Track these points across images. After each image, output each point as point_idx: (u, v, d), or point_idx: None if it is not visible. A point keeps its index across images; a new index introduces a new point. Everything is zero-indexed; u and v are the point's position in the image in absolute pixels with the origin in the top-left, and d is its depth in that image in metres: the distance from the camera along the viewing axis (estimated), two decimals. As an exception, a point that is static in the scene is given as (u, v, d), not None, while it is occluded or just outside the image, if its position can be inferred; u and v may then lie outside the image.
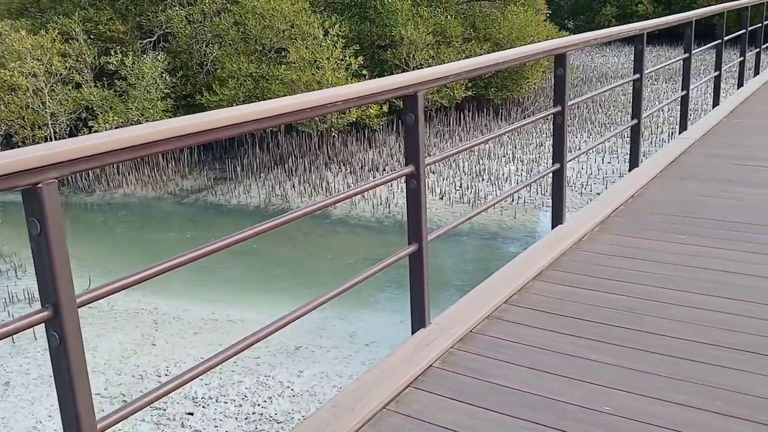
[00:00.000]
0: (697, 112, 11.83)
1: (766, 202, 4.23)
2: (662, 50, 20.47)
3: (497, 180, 9.55)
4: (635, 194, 4.51)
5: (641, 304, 2.95)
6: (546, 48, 3.43)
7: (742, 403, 2.22)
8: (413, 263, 2.64)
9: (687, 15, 5.85)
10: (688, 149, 5.60)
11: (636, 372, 2.43)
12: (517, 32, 12.65)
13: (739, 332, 2.67)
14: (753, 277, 3.18)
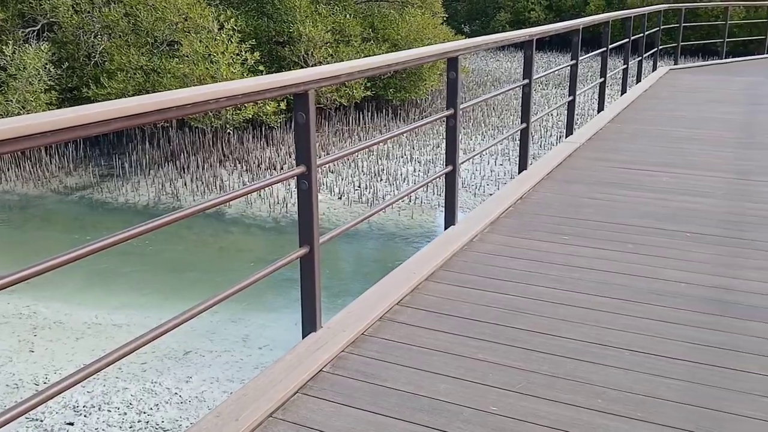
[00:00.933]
0: (584, 117, 12.35)
1: (644, 205, 4.44)
2: (553, 56, 21.29)
3: (395, 180, 9.61)
4: (524, 196, 4.63)
5: (528, 304, 3.02)
6: (438, 51, 3.45)
7: (620, 401, 2.29)
8: (304, 266, 2.58)
9: (574, 23, 6.07)
10: (573, 153, 5.82)
11: (522, 371, 2.47)
12: (414, 34, 12.80)
13: (618, 331, 2.77)
14: (632, 276, 3.32)
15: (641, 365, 2.51)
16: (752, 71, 11.76)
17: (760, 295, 3.09)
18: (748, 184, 4.91)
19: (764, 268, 3.39)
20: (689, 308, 2.97)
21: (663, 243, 3.77)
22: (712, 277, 3.31)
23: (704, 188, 4.82)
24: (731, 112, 7.88)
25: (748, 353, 2.59)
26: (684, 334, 2.74)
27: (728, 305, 3.00)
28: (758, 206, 4.39)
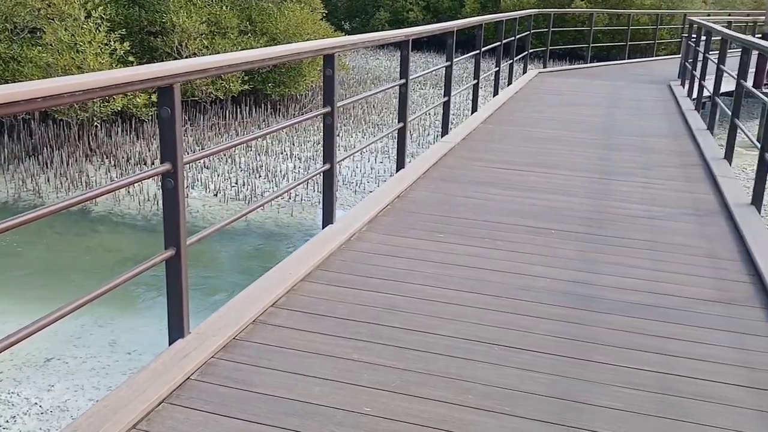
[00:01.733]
0: (460, 117, 12.69)
1: (514, 203, 4.60)
2: (431, 56, 21.75)
3: (275, 177, 9.46)
4: (401, 194, 4.68)
5: (404, 302, 3.04)
6: (313, 48, 3.40)
7: (489, 396, 2.35)
8: (170, 269, 2.46)
9: (448, 25, 6.20)
10: (449, 152, 5.95)
11: (396, 370, 2.48)
12: (294, 29, 12.66)
13: (488, 326, 2.85)
14: (501, 273, 3.42)
15: (509, 360, 2.58)
16: (614, 75, 12.52)
17: (617, 289, 3.28)
18: (608, 183, 5.21)
19: (621, 264, 3.60)
20: (554, 303, 3.10)
21: (531, 240, 3.91)
22: (574, 272, 3.47)
23: (568, 187, 5.06)
24: (594, 114, 8.34)
25: (607, 345, 2.73)
26: (549, 328, 2.85)
27: (589, 299, 3.15)
28: (616, 204, 4.66)
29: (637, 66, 14.54)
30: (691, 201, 4.81)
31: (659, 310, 3.06)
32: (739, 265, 3.63)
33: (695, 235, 4.10)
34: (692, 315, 3.02)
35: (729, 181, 5.22)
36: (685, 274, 3.50)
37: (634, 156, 6.16)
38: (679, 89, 10.55)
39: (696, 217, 4.46)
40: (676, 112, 8.66)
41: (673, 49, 19.26)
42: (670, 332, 2.85)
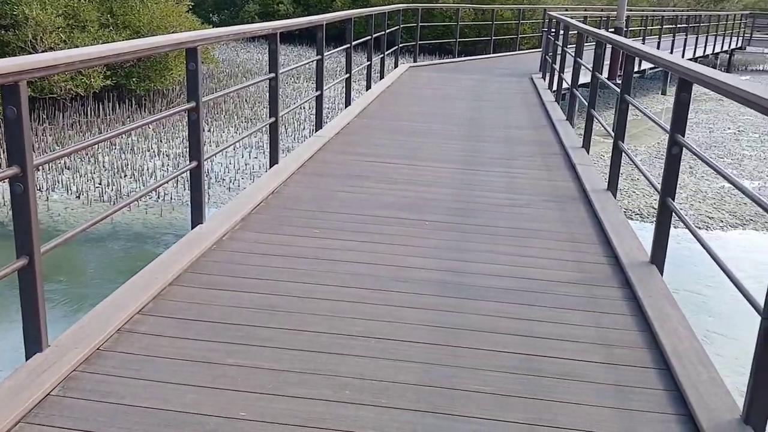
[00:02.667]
0: (336, 111, 12.70)
1: (388, 196, 4.66)
2: (304, 50, 21.61)
3: (141, 176, 9.07)
4: (275, 190, 4.62)
5: (280, 302, 3.00)
6: (173, 41, 3.28)
7: (366, 389, 2.37)
8: (23, 280, 2.30)
9: (317, 18, 6.18)
10: (323, 146, 5.94)
11: (272, 372, 2.45)
12: (158, 21, 12.17)
13: (364, 320, 2.87)
14: (376, 266, 3.46)
15: (385, 352, 2.62)
16: (480, 69, 12.96)
17: (485, 275, 3.40)
18: (476, 174, 5.39)
19: (489, 251, 3.74)
20: (428, 293, 3.17)
21: (404, 232, 3.98)
22: (446, 261, 3.56)
23: (439, 179, 5.19)
24: (462, 107, 8.60)
25: (476, 331, 2.82)
26: (423, 318, 2.91)
27: (460, 287, 3.25)
28: (483, 194, 4.83)
29: (502, 60, 15.13)
30: (552, 188, 5.06)
31: (524, 294, 3.20)
32: (597, 248, 3.87)
33: (556, 220, 4.32)
34: (554, 297, 3.18)
35: (586, 169, 5.54)
36: (547, 258, 3.68)
37: (500, 147, 6.41)
38: (541, 82, 11.08)
39: (557, 203, 4.70)
40: (538, 103, 9.09)
41: (535, 43, 20.18)
42: (535, 315, 2.99)
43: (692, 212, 8.51)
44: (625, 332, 2.87)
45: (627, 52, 4.69)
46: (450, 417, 2.24)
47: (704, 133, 13.41)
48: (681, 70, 3.21)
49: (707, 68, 3.09)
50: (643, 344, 2.76)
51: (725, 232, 8.07)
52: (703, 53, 21.87)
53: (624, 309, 3.08)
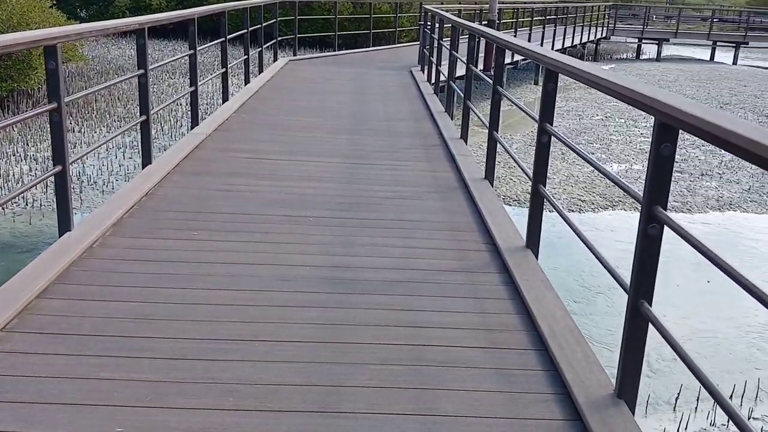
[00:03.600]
0: (214, 107, 12.36)
1: (271, 193, 4.58)
2: (179, 45, 20.90)
3: (6, 182, 8.47)
4: (150, 192, 4.43)
5: (157, 309, 2.88)
6: (29, 39, 3.05)
7: (252, 394, 2.31)
8: None
9: (188, 12, 5.97)
10: (201, 144, 5.76)
11: (151, 383, 2.34)
12: (18, 17, 11.39)
13: (248, 323, 2.80)
14: (260, 266, 3.38)
15: (270, 354, 2.56)
16: (360, 63, 13.01)
17: (372, 269, 3.40)
18: (359, 167, 5.40)
19: (375, 244, 3.75)
20: (314, 290, 3.13)
21: (289, 229, 3.92)
22: (332, 257, 3.54)
23: (323, 174, 5.15)
24: (343, 101, 8.60)
25: (363, 325, 2.82)
26: (309, 316, 2.87)
27: (347, 282, 3.23)
28: (367, 187, 4.85)
29: (382, 53, 15.26)
30: (434, 179, 5.15)
31: (409, 284, 3.23)
32: (477, 235, 3.96)
33: (438, 211, 4.40)
34: (438, 286, 3.23)
35: (465, 159, 5.67)
36: (430, 248, 3.73)
37: (382, 139, 6.46)
38: (420, 75, 11.26)
39: (438, 194, 4.78)
40: (418, 96, 9.23)
41: (413, 36, 20.49)
42: (420, 305, 3.02)
43: (565, 196, 8.92)
44: (504, 316, 2.95)
45: (497, 45, 4.84)
46: (338, 415, 2.22)
47: (575, 120, 14.09)
48: (547, 60, 3.33)
49: (571, 58, 3.22)
50: (522, 327, 2.85)
51: (596, 213, 8.52)
52: (572, 43, 22.99)
53: (503, 293, 3.18)
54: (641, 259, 2.18)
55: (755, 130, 1.61)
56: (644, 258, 2.18)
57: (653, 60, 29.32)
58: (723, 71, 25.29)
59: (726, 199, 9.19)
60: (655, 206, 2.13)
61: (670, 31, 32.84)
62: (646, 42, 31.41)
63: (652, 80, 21.31)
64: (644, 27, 32.15)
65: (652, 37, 31.35)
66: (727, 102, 17.39)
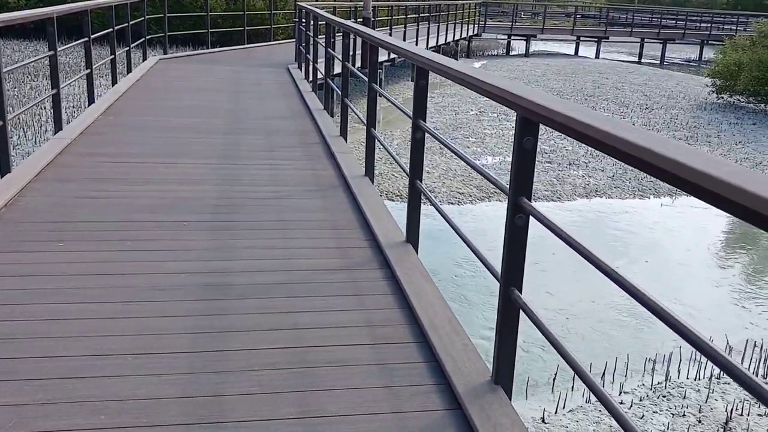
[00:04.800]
0: (81, 109, 11.73)
1: (143, 198, 4.40)
2: (41, 45, 19.67)
3: None
4: (9, 203, 4.14)
5: (21, 328, 2.69)
6: None
7: (125, 411, 2.20)
8: None
9: (48, 11, 5.62)
10: (65, 149, 5.44)
11: (13, 407, 2.18)
12: None
13: (121, 336, 2.67)
14: (133, 275, 3.24)
15: (144, 368, 2.46)
16: (235, 60, 12.74)
17: (251, 272, 3.34)
18: (237, 168, 5.28)
19: (254, 247, 3.68)
20: (191, 298, 3.03)
21: (162, 236, 3.78)
22: (209, 262, 3.44)
23: (199, 176, 5.01)
24: (219, 99, 8.39)
25: (242, 331, 2.76)
26: (186, 326, 2.78)
27: (225, 288, 3.16)
28: (246, 188, 4.76)
29: (258, 51, 15.03)
30: (314, 177, 5.13)
31: (290, 286, 3.20)
32: (358, 232, 3.98)
33: (319, 209, 4.38)
34: (320, 286, 3.22)
35: (345, 156, 5.68)
36: (312, 248, 3.71)
37: (260, 139, 6.36)
38: (297, 72, 11.17)
39: (319, 192, 4.77)
40: (295, 94, 9.15)
41: (290, 33, 20.31)
42: (301, 306, 3.00)
43: (444, 189, 9.15)
44: (386, 311, 2.98)
45: (371, 43, 4.87)
46: (219, 425, 2.16)
47: (451, 116, 14.48)
48: (417, 58, 3.39)
49: (441, 56, 3.29)
50: (404, 321, 2.89)
51: (474, 205, 8.79)
52: (446, 41, 23.59)
53: (385, 289, 3.21)
54: (510, 249, 2.26)
55: (608, 123, 1.70)
56: (512, 247, 2.26)
57: (522, 56, 30.61)
58: (587, 65, 26.79)
59: (592, 187, 9.75)
60: (521, 197, 2.21)
61: (537, 27, 34.41)
62: (515, 38, 32.75)
63: (522, 75, 22.24)
64: (513, 24, 33.50)
65: (520, 33, 32.72)
66: (591, 94, 18.44)
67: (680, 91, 19.68)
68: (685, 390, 4.76)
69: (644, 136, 1.53)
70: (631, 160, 1.51)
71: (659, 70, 26.70)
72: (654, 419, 4.41)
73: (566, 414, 4.42)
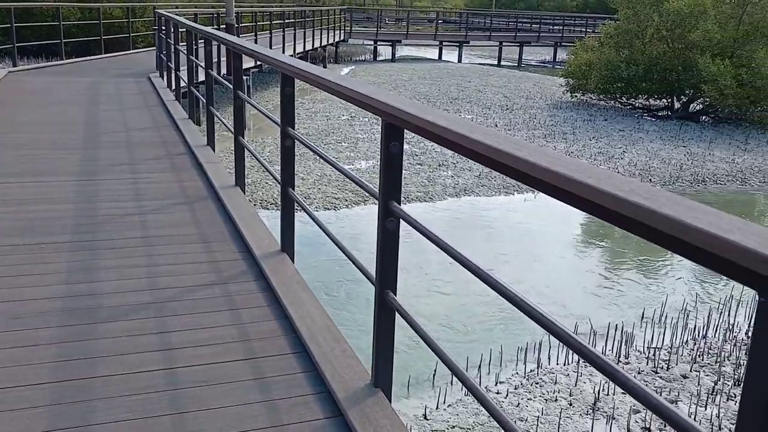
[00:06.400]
0: None
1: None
2: None
3: None
4: None
5: None
6: None
7: (-20, 453, 2.03)
8: None
9: None
10: None
11: None
12: None
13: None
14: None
15: (2, 403, 2.27)
16: (93, 71, 12.13)
17: (117, 294, 3.18)
18: (99, 184, 5.02)
19: (118, 267, 3.51)
20: (51, 324, 2.84)
21: (17, 260, 3.52)
22: (71, 286, 3.25)
23: (56, 194, 4.71)
24: (76, 112, 7.95)
25: (111, 356, 2.62)
26: (48, 354, 2.61)
27: (89, 312, 2.99)
28: (108, 205, 4.53)
29: (117, 60, 14.39)
30: (181, 190, 4.96)
31: (160, 305, 3.08)
32: (231, 245, 3.89)
33: (188, 223, 4.24)
34: (192, 302, 3.12)
35: (214, 166, 5.54)
36: (182, 264, 3.59)
37: (121, 152, 6.08)
38: (159, 81, 10.79)
39: (187, 205, 4.62)
40: (158, 104, 8.83)
41: (150, 41, 19.58)
42: (172, 325, 2.89)
43: (320, 195, 9.14)
44: (263, 323, 2.93)
45: (233, 50, 4.78)
46: (87, 458, 2.04)
47: (323, 121, 14.49)
48: (282, 66, 3.36)
49: (305, 63, 3.28)
50: (281, 332, 2.86)
51: (351, 209, 8.85)
52: (313, 46, 23.60)
53: (261, 301, 3.15)
54: (383, 252, 2.29)
55: (465, 126, 1.76)
56: (385, 251, 2.29)
57: (389, 61, 31.20)
58: (450, 69, 27.68)
59: (461, 186, 10.08)
60: (391, 201, 2.24)
61: (402, 33, 35.19)
62: (381, 44, 33.32)
63: (390, 80, 22.65)
64: (378, 29, 34.07)
65: (386, 39, 33.34)
66: (456, 97, 19.07)
67: (537, 92, 20.75)
68: (556, 375, 5.01)
69: (497, 138, 1.60)
70: (484, 160, 1.57)
71: (517, 72, 28.04)
72: (529, 406, 4.61)
73: (447, 408, 4.53)
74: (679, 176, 11.49)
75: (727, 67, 15.38)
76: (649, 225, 1.11)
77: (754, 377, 0.98)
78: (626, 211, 1.16)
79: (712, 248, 1.00)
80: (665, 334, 5.82)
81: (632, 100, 18.23)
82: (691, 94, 17.35)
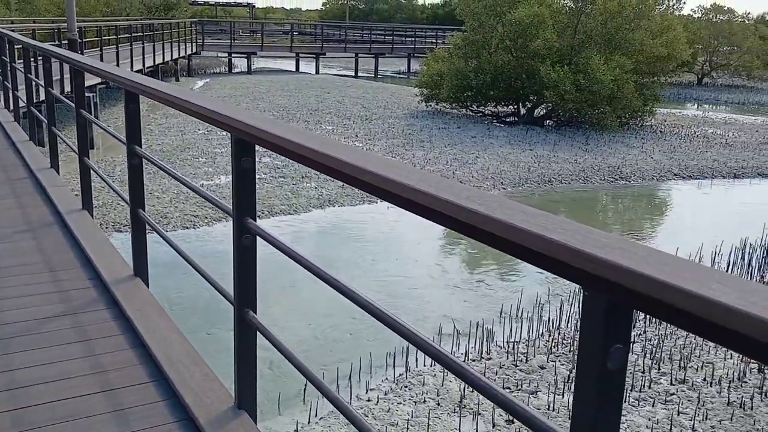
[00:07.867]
0: None
1: None
2: None
3: None
4: None
5: None
6: None
7: None
8: None
9: None
10: None
11: None
12: None
13: None
14: None
15: None
16: None
17: (-49, 334, 2.92)
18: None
19: (-47, 304, 3.22)
20: None
21: None
22: None
23: None
24: None
25: (-55, 403, 2.39)
26: None
27: None
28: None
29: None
30: (23, 217, 4.63)
31: (4, 342, 2.85)
32: (80, 272, 3.68)
33: (32, 252, 3.97)
34: (39, 336, 2.91)
35: (59, 190, 5.22)
36: (27, 296, 3.35)
37: (-47, 179, 5.58)
38: (-5, 100, 10.01)
39: (31, 232, 4.32)
40: (-5, 125, 8.19)
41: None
42: (18, 362, 2.69)
43: (178, 214, 8.85)
44: (118, 353, 2.79)
45: (73, 67, 4.54)
46: None
47: (177, 137, 14.05)
48: (125, 82, 3.23)
49: (149, 79, 3.18)
50: (138, 360, 2.73)
51: (211, 226, 8.63)
52: (163, 60, 22.85)
53: (114, 329, 3.00)
54: (240, 271, 2.25)
55: (315, 141, 1.77)
56: (243, 269, 2.25)
57: (246, 73, 30.79)
58: (308, 80, 27.76)
59: (326, 197, 10.11)
60: (246, 218, 2.21)
61: (257, 44, 34.84)
62: (236, 56, 32.82)
63: (247, 92, 22.36)
64: (232, 41, 33.55)
65: (240, 51, 32.89)
66: (316, 108, 19.13)
67: (395, 102, 21.26)
68: (424, 377, 5.14)
69: (348, 151, 1.62)
70: (335, 173, 1.60)
71: (375, 83, 28.58)
72: (399, 410, 4.70)
73: (318, 422, 4.53)
74: (528, 178, 12.17)
75: (566, 73, 16.49)
76: (485, 230, 1.17)
77: (583, 356, 1.06)
78: (465, 218, 1.22)
79: (542, 249, 1.07)
80: (522, 327, 6.14)
81: (482, 108, 19.11)
82: (535, 100, 18.46)
